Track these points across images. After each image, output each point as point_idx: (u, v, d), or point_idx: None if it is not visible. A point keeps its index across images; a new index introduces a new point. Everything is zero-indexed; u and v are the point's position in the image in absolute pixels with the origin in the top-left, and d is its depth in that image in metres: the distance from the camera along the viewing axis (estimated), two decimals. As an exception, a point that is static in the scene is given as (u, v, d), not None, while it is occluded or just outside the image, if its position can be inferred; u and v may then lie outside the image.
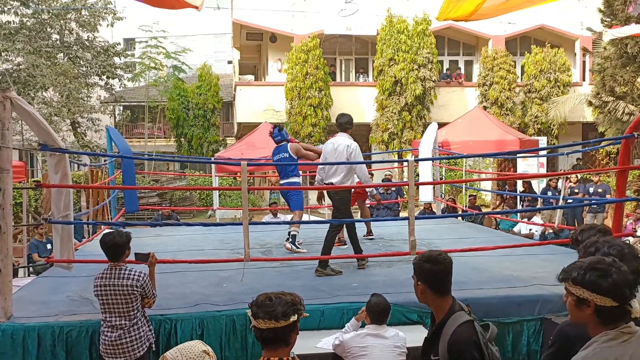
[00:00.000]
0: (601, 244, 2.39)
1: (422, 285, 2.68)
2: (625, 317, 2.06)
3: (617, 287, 2.02)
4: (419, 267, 2.70)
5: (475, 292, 4.90)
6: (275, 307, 2.26)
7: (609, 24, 16.81)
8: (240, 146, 14.69)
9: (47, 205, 10.86)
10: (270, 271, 5.93)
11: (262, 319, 2.26)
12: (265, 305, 2.27)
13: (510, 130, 15.34)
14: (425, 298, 2.69)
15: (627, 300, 2.05)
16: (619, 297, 2.03)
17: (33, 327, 4.18)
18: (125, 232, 4.18)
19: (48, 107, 20.52)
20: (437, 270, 2.69)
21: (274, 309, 2.25)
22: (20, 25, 21.02)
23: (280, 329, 2.26)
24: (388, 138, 19.80)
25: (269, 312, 2.25)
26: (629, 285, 2.04)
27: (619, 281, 2.02)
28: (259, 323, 2.27)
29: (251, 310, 2.31)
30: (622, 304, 2.04)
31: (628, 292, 2.04)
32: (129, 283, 3.95)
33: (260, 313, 2.26)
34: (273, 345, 2.29)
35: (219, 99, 23.98)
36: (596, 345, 2.04)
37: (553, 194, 11.99)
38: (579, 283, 2.07)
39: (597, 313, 2.05)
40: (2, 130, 4.32)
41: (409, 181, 5.79)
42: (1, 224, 4.29)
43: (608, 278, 2.02)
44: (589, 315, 2.07)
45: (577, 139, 21.37)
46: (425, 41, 19.95)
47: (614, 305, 2.02)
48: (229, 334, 4.35)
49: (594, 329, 2.09)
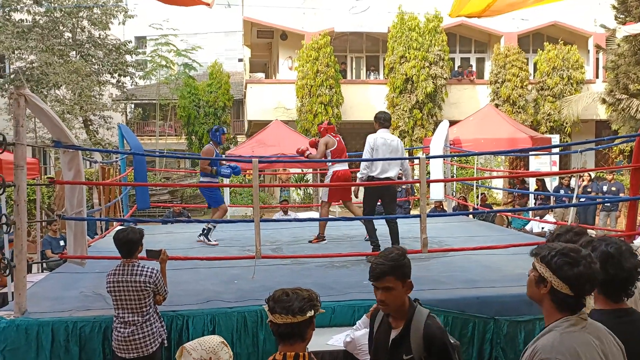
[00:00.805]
0: (598, 242, 2.40)
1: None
2: (578, 310, 2.11)
3: (579, 279, 2.05)
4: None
5: (487, 290, 4.88)
6: (292, 303, 2.27)
7: (622, 20, 16.62)
8: (251, 144, 14.70)
9: (59, 202, 10.95)
10: (282, 268, 5.94)
11: (278, 314, 2.27)
12: (282, 301, 2.28)
13: (522, 128, 15.23)
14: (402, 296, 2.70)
15: (584, 294, 2.09)
16: (577, 289, 2.07)
17: (47, 322, 4.22)
18: (139, 228, 4.22)
19: (61, 104, 20.65)
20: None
21: (291, 304, 2.27)
22: (33, 24, 21.17)
23: (296, 324, 2.28)
24: (399, 136, 19.73)
25: (285, 307, 2.26)
26: (591, 282, 2.08)
27: (583, 274, 2.05)
28: (276, 318, 2.28)
29: (268, 305, 2.32)
30: (577, 296, 2.08)
31: (588, 287, 2.08)
32: (142, 279, 3.97)
33: (277, 308, 2.27)
34: (289, 341, 2.30)
35: (229, 96, 24.03)
36: (560, 330, 2.07)
37: (566, 192, 11.91)
38: (546, 262, 2.13)
39: (550, 295, 2.10)
40: (17, 127, 4.36)
41: (421, 179, 5.77)
42: (16, 220, 4.33)
43: (574, 268, 2.06)
44: (543, 295, 2.13)
45: (590, 136, 21.18)
46: (436, 38, 19.86)
47: (569, 294, 2.07)
48: (240, 330, 4.36)
49: (549, 313, 2.14)
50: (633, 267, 2.31)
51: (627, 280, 2.32)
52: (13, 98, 4.35)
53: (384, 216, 6.52)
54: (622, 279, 2.31)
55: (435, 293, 4.81)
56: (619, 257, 2.31)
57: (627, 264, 2.30)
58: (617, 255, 2.31)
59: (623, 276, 2.30)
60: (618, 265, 2.30)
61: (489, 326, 4.55)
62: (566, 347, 2.01)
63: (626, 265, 2.29)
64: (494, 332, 4.55)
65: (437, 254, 6.44)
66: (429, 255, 6.16)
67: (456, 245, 6.95)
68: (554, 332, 2.08)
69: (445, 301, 4.61)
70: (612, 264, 2.30)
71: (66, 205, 5.09)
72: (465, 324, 4.53)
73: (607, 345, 2.11)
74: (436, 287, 5.01)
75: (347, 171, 7.78)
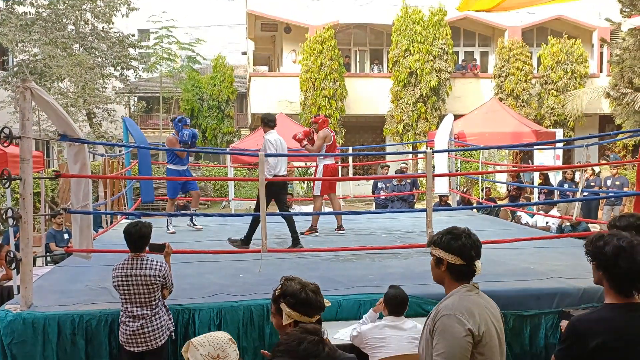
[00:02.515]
0: (609, 236, 2.40)
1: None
2: (472, 276, 2.53)
3: (464, 249, 2.49)
4: None
5: (493, 285, 4.86)
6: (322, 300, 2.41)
7: (628, 14, 16.53)
8: (255, 137, 14.68)
9: (64, 195, 10.97)
10: (287, 262, 5.94)
11: (310, 315, 2.36)
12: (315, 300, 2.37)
13: (526, 122, 15.19)
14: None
15: (472, 260, 2.51)
16: (466, 257, 2.50)
17: (53, 315, 4.22)
18: (148, 222, 4.21)
19: (64, 97, 20.64)
20: None
21: (322, 302, 2.40)
22: (36, 16, 21.13)
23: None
24: (403, 129, 19.71)
25: (318, 307, 2.38)
26: (474, 249, 2.51)
27: (466, 244, 2.49)
28: (305, 319, 2.35)
29: (285, 302, 2.36)
30: (468, 263, 2.50)
31: (473, 253, 2.51)
32: (151, 273, 3.97)
33: (309, 310, 2.36)
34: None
35: (233, 90, 24.01)
36: (459, 294, 2.49)
37: (569, 186, 11.87)
38: (437, 245, 2.56)
39: (449, 270, 2.52)
40: (23, 120, 4.35)
41: (427, 173, 5.75)
42: (22, 214, 4.33)
43: (458, 241, 2.50)
44: (444, 272, 2.55)
45: (593, 131, 21.11)
46: (440, 32, 19.79)
47: (462, 264, 2.49)
48: (246, 324, 4.36)
49: (449, 285, 2.55)
50: None
51: (639, 275, 2.31)
52: (19, 91, 4.35)
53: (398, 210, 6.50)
54: (635, 273, 2.30)
55: (440, 287, 4.79)
56: (631, 250, 2.30)
57: (639, 257, 2.29)
58: (629, 249, 2.30)
59: (636, 270, 2.30)
60: (630, 259, 2.29)
61: (495, 320, 4.54)
62: (463, 306, 2.43)
63: (638, 258, 2.29)
64: (499, 327, 4.55)
65: (442, 248, 6.42)
66: (434, 249, 6.14)
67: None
68: (454, 296, 2.49)
69: (451, 295, 4.60)
70: (624, 258, 2.30)
71: (72, 199, 5.09)
72: (471, 319, 4.52)
73: (493, 310, 2.55)
74: (442, 282, 5.00)
75: (336, 165, 8.01)
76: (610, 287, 2.37)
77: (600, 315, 2.37)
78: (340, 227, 7.82)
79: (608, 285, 2.37)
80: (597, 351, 2.27)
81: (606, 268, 2.36)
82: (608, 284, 2.37)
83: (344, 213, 7.85)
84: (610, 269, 2.34)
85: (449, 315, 2.39)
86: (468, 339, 2.36)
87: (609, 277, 2.36)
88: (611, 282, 2.36)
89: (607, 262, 2.35)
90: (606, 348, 2.26)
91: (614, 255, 2.31)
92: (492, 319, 2.49)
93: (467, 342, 2.36)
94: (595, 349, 2.27)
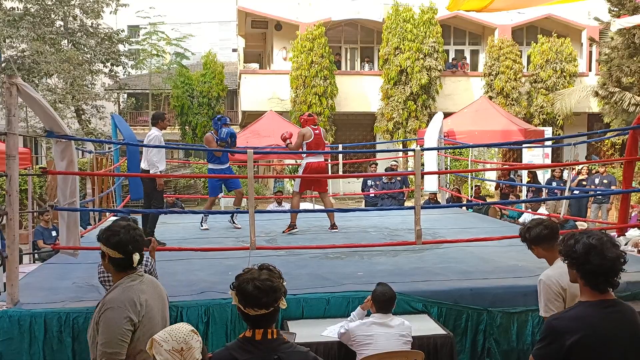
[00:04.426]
0: (580, 235, 2.43)
1: None
2: (132, 266, 2.77)
3: (121, 244, 2.73)
4: None
5: (480, 282, 4.90)
6: (268, 297, 2.30)
7: (616, 14, 16.64)
8: (245, 134, 14.67)
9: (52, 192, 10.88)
10: (276, 260, 5.93)
11: (251, 308, 2.30)
12: (256, 297, 2.29)
13: (515, 121, 15.27)
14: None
15: (130, 254, 2.74)
16: (124, 251, 2.73)
17: (40, 313, 4.19)
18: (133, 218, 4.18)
19: (52, 94, 20.49)
20: None
21: (267, 300, 2.29)
22: (24, 12, 20.94)
23: (269, 313, 2.32)
24: (393, 127, 19.73)
25: (260, 304, 2.29)
26: (132, 243, 2.74)
27: (123, 239, 2.73)
28: (249, 311, 2.31)
29: (237, 298, 2.34)
30: (126, 257, 2.74)
31: (131, 247, 2.74)
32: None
33: (250, 304, 2.30)
34: (259, 324, 2.34)
35: (223, 87, 23.92)
36: (122, 286, 2.72)
37: (558, 184, 11.95)
38: (99, 240, 2.80)
39: (111, 262, 2.77)
40: (9, 116, 4.31)
41: (415, 171, 5.77)
42: (8, 211, 4.30)
43: (116, 236, 2.74)
44: (107, 264, 2.79)
45: (582, 129, 21.25)
46: (431, 30, 19.82)
47: (121, 257, 2.74)
48: (234, 321, 4.35)
49: (115, 275, 2.80)
50: (616, 257, 2.33)
51: (611, 270, 2.34)
52: (5, 87, 4.31)
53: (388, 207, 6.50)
54: (607, 269, 2.33)
55: (429, 284, 4.83)
56: (601, 247, 2.33)
57: (609, 254, 2.32)
58: (599, 246, 2.33)
59: (607, 266, 2.33)
60: (601, 255, 2.32)
61: (483, 317, 4.57)
62: (125, 297, 2.67)
63: (609, 255, 2.32)
64: (487, 323, 4.58)
65: (431, 246, 6.46)
66: (423, 246, 6.18)
67: (450, 237, 6.98)
68: (118, 288, 2.73)
69: (439, 292, 4.62)
70: (595, 255, 2.33)
71: (59, 196, 5.06)
72: (459, 315, 4.55)
73: (158, 293, 2.85)
74: (430, 279, 5.03)
75: (321, 163, 7.84)
76: (585, 285, 2.40)
77: (576, 313, 2.39)
78: (333, 226, 7.71)
79: (582, 283, 2.41)
80: (573, 348, 2.29)
81: (578, 266, 2.39)
82: (582, 282, 2.40)
83: (334, 210, 7.85)
84: (582, 267, 2.37)
85: (111, 308, 2.64)
86: (127, 326, 2.63)
87: (582, 275, 2.39)
88: (585, 280, 2.39)
89: (578, 260, 2.38)
90: (582, 345, 2.28)
91: (585, 253, 2.35)
92: (156, 301, 2.81)
93: (126, 329, 2.62)
94: (572, 346, 2.29)
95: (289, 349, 2.31)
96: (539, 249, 3.49)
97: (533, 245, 3.48)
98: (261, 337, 2.31)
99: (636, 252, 7.05)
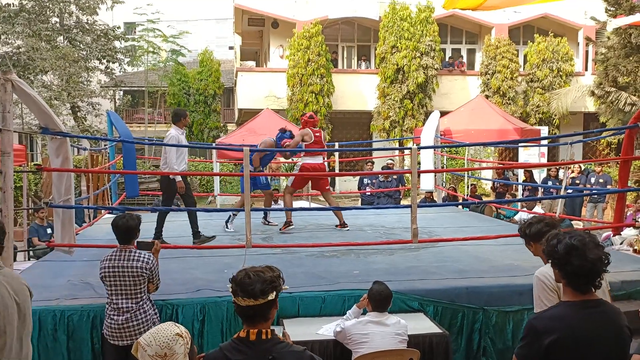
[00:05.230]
0: (562, 235, 2.43)
1: None
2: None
3: None
4: None
5: (476, 281, 4.91)
6: (254, 285, 2.28)
7: (613, 13, 16.65)
8: (241, 132, 14.64)
9: (47, 189, 10.84)
10: (272, 257, 5.92)
11: (241, 297, 2.28)
12: (244, 284, 2.29)
13: (512, 120, 15.28)
14: None
15: None
16: None
17: (34, 310, 4.13)
18: (136, 215, 4.20)
19: (48, 90, 20.40)
20: None
21: (253, 287, 2.27)
22: (20, 8, 20.84)
23: (258, 306, 2.29)
24: (389, 126, 19.74)
25: (247, 291, 2.27)
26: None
27: None
28: (239, 300, 2.30)
29: (231, 287, 2.33)
30: None
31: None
32: (138, 265, 3.97)
33: (239, 291, 2.29)
34: (252, 320, 2.32)
35: (220, 84, 23.88)
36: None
37: (553, 183, 11.97)
38: None
39: None
40: (3, 113, 4.30)
41: (412, 169, 5.76)
42: (2, 208, 4.28)
43: None
44: None
45: (578, 128, 21.29)
46: (428, 29, 19.83)
47: None
48: (230, 319, 4.35)
49: None
50: (597, 257, 2.32)
51: (592, 271, 2.33)
52: (0, 83, 4.28)
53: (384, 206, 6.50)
54: (587, 270, 2.32)
55: (425, 283, 4.83)
56: (582, 248, 2.32)
57: (590, 255, 2.31)
58: (580, 247, 2.32)
59: (587, 267, 2.32)
60: (582, 256, 2.31)
61: (478, 316, 4.58)
62: None
63: (590, 256, 2.31)
64: (482, 322, 4.58)
65: (427, 244, 6.46)
66: (419, 245, 6.18)
67: (446, 236, 6.98)
68: None
69: (435, 291, 4.63)
70: (577, 255, 2.32)
71: (53, 193, 5.04)
72: (455, 314, 4.56)
73: (16, 286, 2.75)
74: (426, 277, 5.03)
75: (318, 165, 7.71)
76: (567, 285, 2.40)
77: (556, 312, 2.39)
78: (344, 225, 7.66)
79: (565, 282, 2.41)
80: (551, 348, 2.28)
81: (560, 266, 2.39)
82: (564, 282, 2.40)
83: (330, 209, 7.83)
84: (563, 267, 2.37)
85: None
86: None
87: (564, 275, 2.38)
88: (566, 280, 2.38)
89: (560, 260, 2.38)
90: (560, 345, 2.28)
91: (566, 253, 2.34)
92: (11, 295, 2.69)
93: None
94: (550, 346, 2.28)
95: (284, 349, 2.30)
96: (537, 245, 3.48)
97: (532, 242, 3.46)
98: (255, 338, 2.30)
99: (631, 251, 7.08)
